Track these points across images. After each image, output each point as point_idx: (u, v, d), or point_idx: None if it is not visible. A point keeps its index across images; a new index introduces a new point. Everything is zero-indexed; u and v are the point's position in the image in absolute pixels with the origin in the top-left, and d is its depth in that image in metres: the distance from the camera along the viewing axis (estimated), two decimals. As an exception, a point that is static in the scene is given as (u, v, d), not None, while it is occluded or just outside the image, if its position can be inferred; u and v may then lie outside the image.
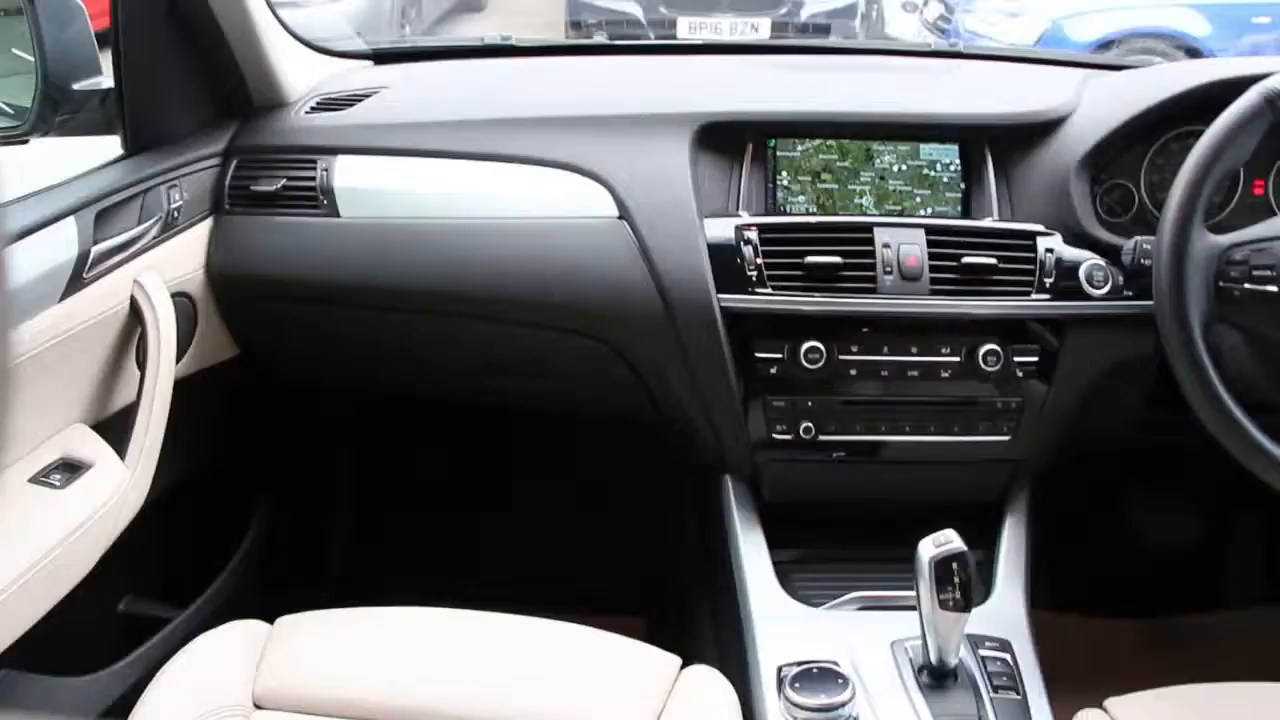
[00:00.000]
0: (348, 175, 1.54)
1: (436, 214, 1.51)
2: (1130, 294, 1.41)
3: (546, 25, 7.14)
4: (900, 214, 1.51)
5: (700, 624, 1.67)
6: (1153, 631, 2.06)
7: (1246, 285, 1.23)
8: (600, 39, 4.89)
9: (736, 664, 1.34)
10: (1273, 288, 1.22)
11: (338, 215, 1.53)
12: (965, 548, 1.15)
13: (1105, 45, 5.53)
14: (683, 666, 1.25)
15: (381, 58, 1.87)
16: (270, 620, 1.29)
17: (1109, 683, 1.26)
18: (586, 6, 6.52)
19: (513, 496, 2.16)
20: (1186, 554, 2.12)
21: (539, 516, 2.15)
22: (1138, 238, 1.36)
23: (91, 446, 1.30)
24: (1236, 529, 2.11)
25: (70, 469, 1.26)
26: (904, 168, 1.52)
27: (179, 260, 1.48)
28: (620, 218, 1.45)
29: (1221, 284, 1.24)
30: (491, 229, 1.48)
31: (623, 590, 1.97)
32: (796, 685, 1.20)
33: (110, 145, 1.46)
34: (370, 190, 1.53)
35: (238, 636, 1.26)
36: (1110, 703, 1.23)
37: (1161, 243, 1.24)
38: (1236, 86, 1.26)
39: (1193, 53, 5.41)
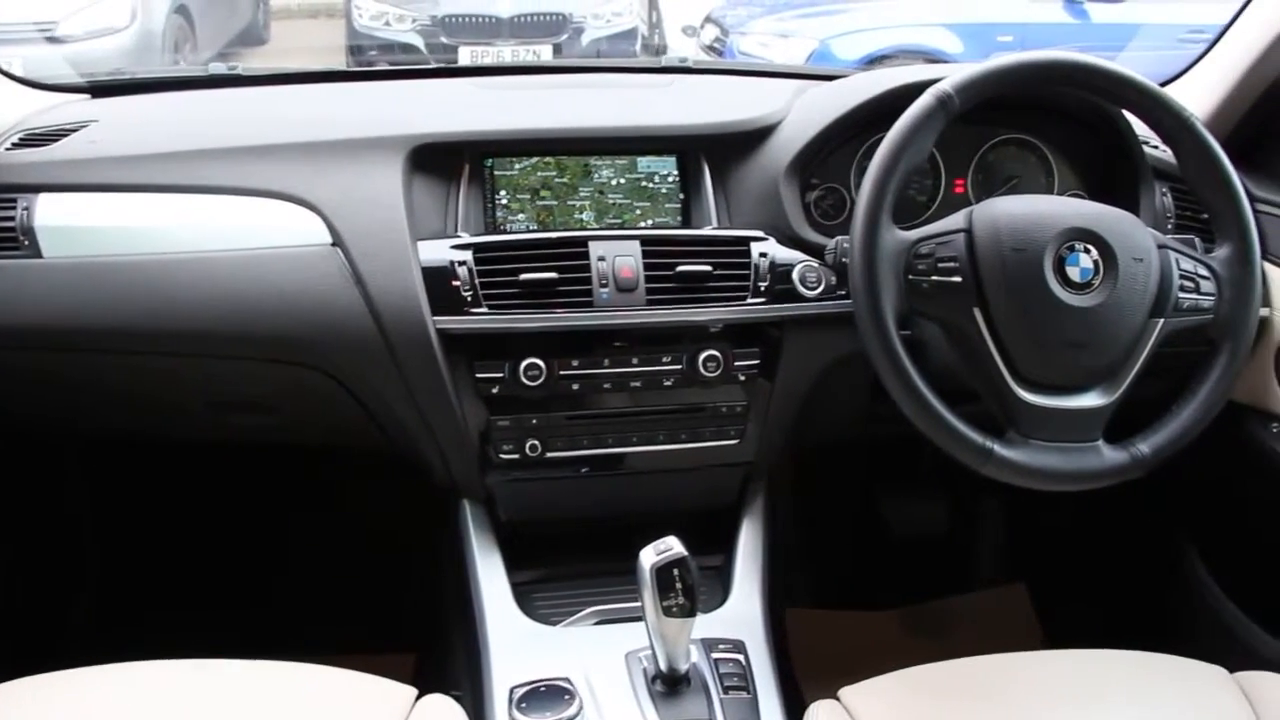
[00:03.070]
0: (50, 214, 1.45)
1: (143, 250, 1.44)
2: (842, 293, 1.44)
3: (332, 51, 7.01)
4: (621, 227, 1.52)
5: (456, 653, 1.64)
6: (906, 619, 2.14)
7: (934, 277, 1.28)
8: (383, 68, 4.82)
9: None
10: (957, 278, 1.27)
11: (40, 256, 1.44)
12: (686, 553, 1.16)
13: (872, 62, 5.79)
14: (420, 696, 1.23)
15: (99, 90, 1.79)
16: None
17: (859, 673, 1.28)
18: (366, 35, 6.44)
19: (271, 536, 2.08)
20: (935, 541, 2.21)
21: (301, 554, 2.08)
22: (839, 238, 1.40)
23: None
24: (978, 513, 2.22)
25: None
26: (622, 181, 1.53)
27: None
28: (333, 244, 1.42)
29: (911, 277, 1.28)
30: (200, 263, 1.43)
31: (391, 625, 1.93)
32: (524, 705, 1.20)
33: None
34: (74, 229, 1.45)
35: None
36: (844, 691, 1.26)
37: (854, 241, 1.28)
38: (916, 90, 1.32)
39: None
